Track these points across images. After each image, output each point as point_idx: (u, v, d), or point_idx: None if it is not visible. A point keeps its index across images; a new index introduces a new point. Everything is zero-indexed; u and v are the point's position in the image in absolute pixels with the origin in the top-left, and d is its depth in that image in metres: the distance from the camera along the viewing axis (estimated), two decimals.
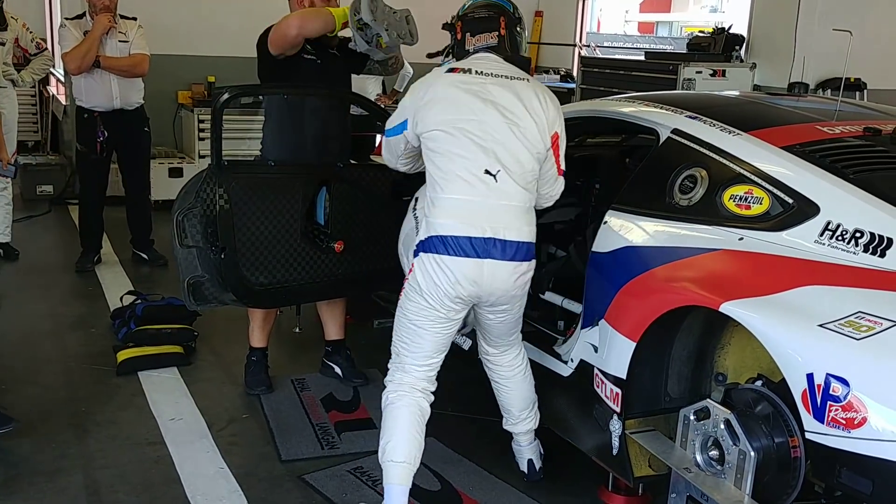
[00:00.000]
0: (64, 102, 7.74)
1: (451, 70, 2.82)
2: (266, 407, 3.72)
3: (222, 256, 3.33)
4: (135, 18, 5.62)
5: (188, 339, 4.31)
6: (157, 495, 3.04)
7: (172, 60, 7.58)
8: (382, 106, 4.63)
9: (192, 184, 3.37)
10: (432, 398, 2.89)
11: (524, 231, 2.75)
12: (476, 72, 2.80)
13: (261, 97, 3.91)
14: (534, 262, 2.84)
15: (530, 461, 3.20)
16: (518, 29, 2.94)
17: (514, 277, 2.76)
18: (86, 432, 3.45)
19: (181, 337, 4.30)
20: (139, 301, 4.61)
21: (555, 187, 2.95)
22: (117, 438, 3.42)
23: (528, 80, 2.86)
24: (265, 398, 3.78)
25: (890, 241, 2.32)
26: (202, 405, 3.73)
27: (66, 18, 5.71)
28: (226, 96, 3.27)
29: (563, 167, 2.91)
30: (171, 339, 4.26)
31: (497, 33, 2.89)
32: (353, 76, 3.91)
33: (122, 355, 4.09)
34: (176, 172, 7.29)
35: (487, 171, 2.70)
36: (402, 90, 6.51)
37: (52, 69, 6.94)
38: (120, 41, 5.47)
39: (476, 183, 2.71)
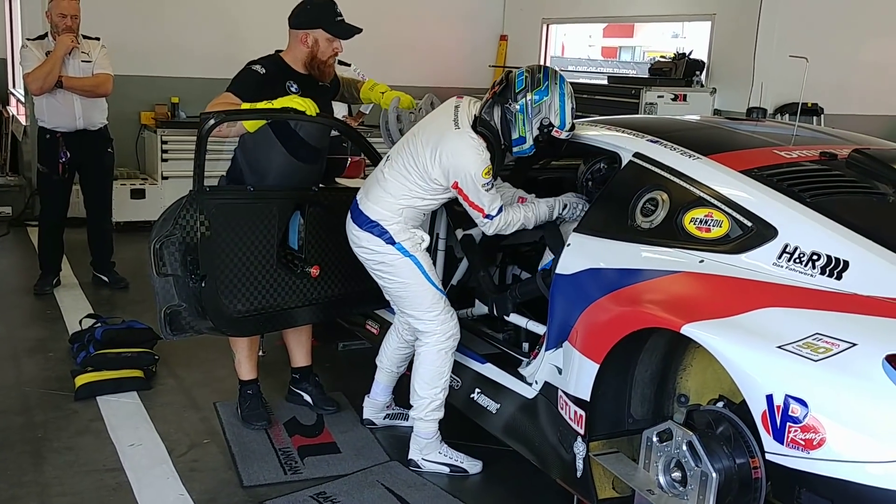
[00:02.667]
0: (24, 123, 7.62)
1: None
2: (228, 432, 3.66)
3: (202, 284, 3.29)
4: (98, 38, 5.56)
5: (149, 362, 4.24)
6: None
7: (135, 81, 7.51)
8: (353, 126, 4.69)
9: (171, 211, 3.31)
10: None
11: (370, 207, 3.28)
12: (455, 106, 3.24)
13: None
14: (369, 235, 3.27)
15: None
16: (508, 105, 3.09)
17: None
18: (42, 459, 3.38)
19: (141, 361, 4.23)
20: (99, 324, 4.53)
21: (481, 225, 3.25)
22: (74, 465, 3.35)
23: (456, 133, 3.11)
24: (226, 423, 3.73)
25: (846, 263, 2.37)
26: (162, 430, 3.66)
27: (28, 39, 5.63)
28: (212, 122, 3.22)
29: (484, 210, 3.15)
30: (131, 363, 4.19)
31: (493, 91, 3.15)
32: None
33: (81, 380, 4.01)
34: (138, 194, 7.22)
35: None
36: (367, 111, 6.51)
37: (12, 89, 6.83)
38: (83, 61, 5.40)
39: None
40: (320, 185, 3.72)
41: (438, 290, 3.36)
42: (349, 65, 5.82)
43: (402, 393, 3.70)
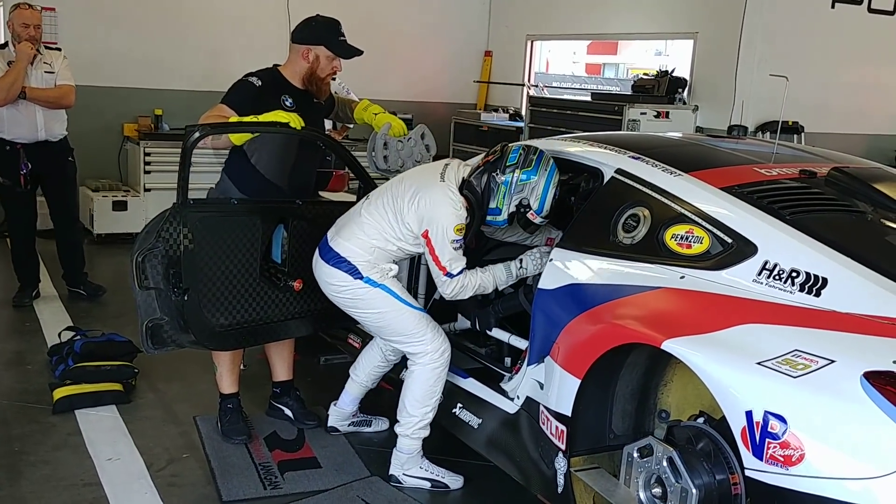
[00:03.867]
0: None
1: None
2: (207, 446, 3.63)
3: (185, 298, 3.27)
4: (59, 49, 5.51)
5: (128, 376, 4.20)
6: None
7: (119, 93, 7.50)
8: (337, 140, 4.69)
9: (154, 223, 3.29)
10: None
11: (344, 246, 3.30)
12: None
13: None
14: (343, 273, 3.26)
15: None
16: (494, 174, 3.17)
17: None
18: (19, 473, 3.33)
19: (121, 374, 4.19)
20: (78, 337, 4.49)
21: (439, 284, 3.27)
22: (51, 479, 3.31)
23: (440, 185, 3.17)
24: (206, 437, 3.70)
25: (825, 280, 2.39)
26: (141, 444, 3.63)
27: None
28: (197, 135, 3.21)
29: (446, 268, 3.17)
30: (111, 377, 4.15)
31: (486, 160, 3.24)
32: None
33: (59, 393, 3.97)
34: (120, 206, 7.17)
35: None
36: (352, 126, 6.52)
37: None
38: (46, 72, 5.33)
39: None
40: (309, 199, 3.72)
41: (418, 310, 3.35)
42: (334, 78, 5.84)
43: (366, 401, 3.76)
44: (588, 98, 7.76)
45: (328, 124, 7.57)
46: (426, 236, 3.17)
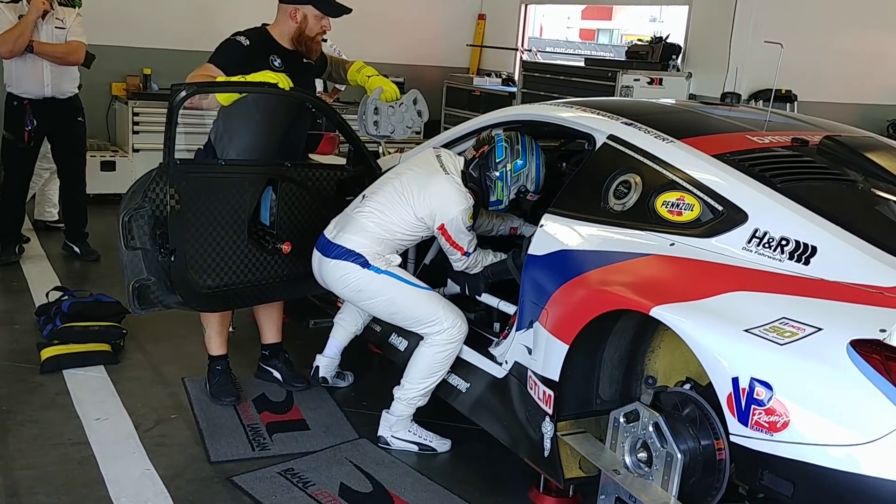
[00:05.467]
0: None
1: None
2: (196, 407, 3.64)
3: (172, 259, 3.25)
4: (73, 6, 5.45)
5: (116, 336, 4.20)
6: (79, 497, 2.95)
7: (107, 51, 7.34)
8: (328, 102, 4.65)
9: (140, 183, 3.26)
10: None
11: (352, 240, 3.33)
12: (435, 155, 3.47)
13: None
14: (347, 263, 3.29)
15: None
16: (488, 173, 3.29)
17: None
18: (6, 432, 3.33)
19: (109, 334, 4.19)
20: (66, 297, 4.47)
21: (454, 261, 3.43)
22: (39, 438, 3.31)
23: (446, 178, 3.31)
24: (195, 398, 3.71)
25: (814, 249, 2.39)
26: (129, 405, 3.63)
27: (1, 1, 5.51)
28: (183, 94, 3.17)
29: (462, 247, 3.35)
30: (99, 337, 4.14)
31: (480, 152, 3.35)
32: None
33: (47, 353, 3.96)
34: (108, 166, 7.10)
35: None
36: (342, 88, 6.46)
37: None
38: (56, 27, 5.29)
39: None
40: (293, 161, 3.69)
41: (426, 289, 3.37)
42: (325, 40, 5.78)
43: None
44: (581, 64, 7.71)
45: (319, 85, 7.51)
46: (442, 229, 3.30)
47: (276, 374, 3.92)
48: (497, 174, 3.28)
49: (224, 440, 3.39)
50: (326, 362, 3.82)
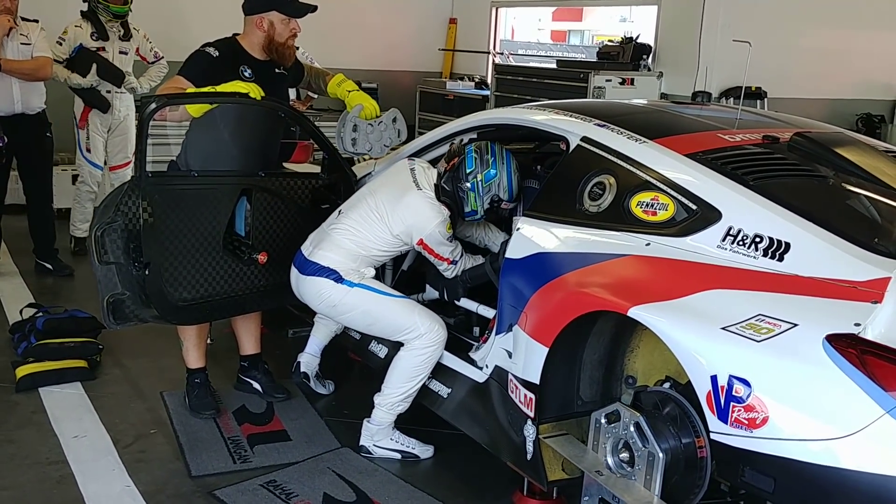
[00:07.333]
0: None
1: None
2: (175, 421, 3.61)
3: (146, 272, 3.22)
4: (37, 21, 5.40)
5: (92, 352, 4.15)
6: None
7: None
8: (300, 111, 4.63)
9: (112, 197, 3.24)
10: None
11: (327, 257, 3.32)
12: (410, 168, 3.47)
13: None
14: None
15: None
16: (459, 185, 3.29)
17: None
18: None
19: (85, 350, 4.14)
20: (40, 314, 4.42)
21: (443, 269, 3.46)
22: (16, 458, 3.26)
23: (419, 194, 3.31)
24: (174, 412, 3.67)
25: (788, 245, 2.41)
26: (107, 421, 3.59)
27: None
28: (153, 106, 3.15)
29: (447, 258, 3.38)
30: (75, 353, 4.09)
31: (451, 164, 3.33)
32: None
33: (22, 371, 3.91)
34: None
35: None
36: (315, 96, 6.43)
37: None
38: (22, 44, 5.25)
39: None
40: (267, 171, 3.67)
41: (401, 298, 3.37)
42: (297, 48, 5.76)
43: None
44: (553, 65, 7.74)
45: (292, 94, 7.49)
46: (422, 243, 3.32)
47: (256, 386, 3.89)
48: (468, 185, 3.28)
49: (205, 454, 3.36)
50: (308, 359, 3.84)
